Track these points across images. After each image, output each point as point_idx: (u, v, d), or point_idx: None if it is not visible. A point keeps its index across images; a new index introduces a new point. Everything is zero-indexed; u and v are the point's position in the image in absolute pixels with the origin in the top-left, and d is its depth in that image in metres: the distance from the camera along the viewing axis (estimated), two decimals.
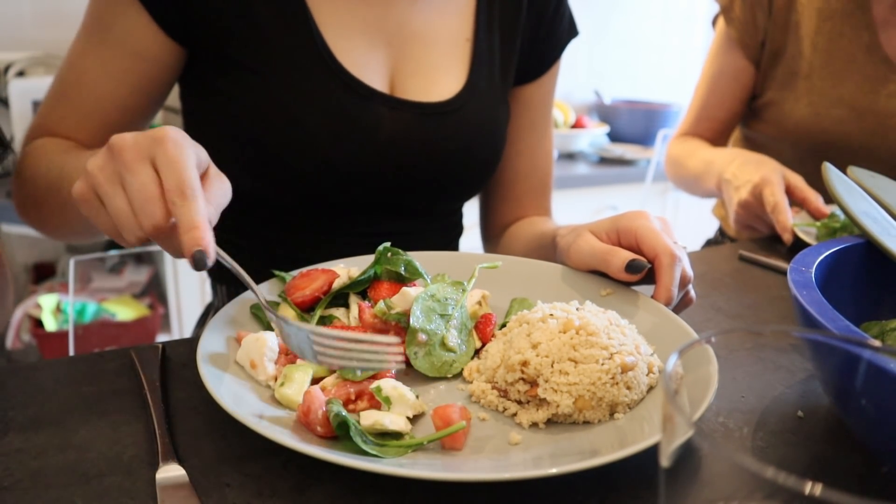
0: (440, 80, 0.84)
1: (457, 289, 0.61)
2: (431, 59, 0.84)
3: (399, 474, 0.40)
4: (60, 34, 1.92)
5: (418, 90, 0.83)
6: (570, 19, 0.97)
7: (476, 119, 0.85)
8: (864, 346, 0.37)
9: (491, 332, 0.60)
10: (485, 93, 0.86)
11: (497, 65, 0.89)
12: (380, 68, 0.82)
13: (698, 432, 0.26)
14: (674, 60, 3.22)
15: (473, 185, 0.92)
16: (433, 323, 0.57)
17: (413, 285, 0.64)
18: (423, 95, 0.83)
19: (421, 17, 0.84)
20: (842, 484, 0.41)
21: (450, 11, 0.86)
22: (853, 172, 0.76)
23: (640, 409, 0.51)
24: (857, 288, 0.61)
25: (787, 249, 0.94)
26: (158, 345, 0.59)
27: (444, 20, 0.85)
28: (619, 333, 0.54)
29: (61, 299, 1.81)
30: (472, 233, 1.07)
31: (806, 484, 0.23)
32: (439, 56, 0.85)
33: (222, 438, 0.47)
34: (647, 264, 0.61)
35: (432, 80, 0.84)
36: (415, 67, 0.83)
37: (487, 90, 0.87)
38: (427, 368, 0.55)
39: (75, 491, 0.42)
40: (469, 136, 0.85)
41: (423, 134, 0.82)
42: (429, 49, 0.84)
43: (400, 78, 0.83)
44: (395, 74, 0.83)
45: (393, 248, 0.64)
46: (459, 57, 0.86)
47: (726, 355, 0.60)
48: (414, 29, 0.83)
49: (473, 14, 0.87)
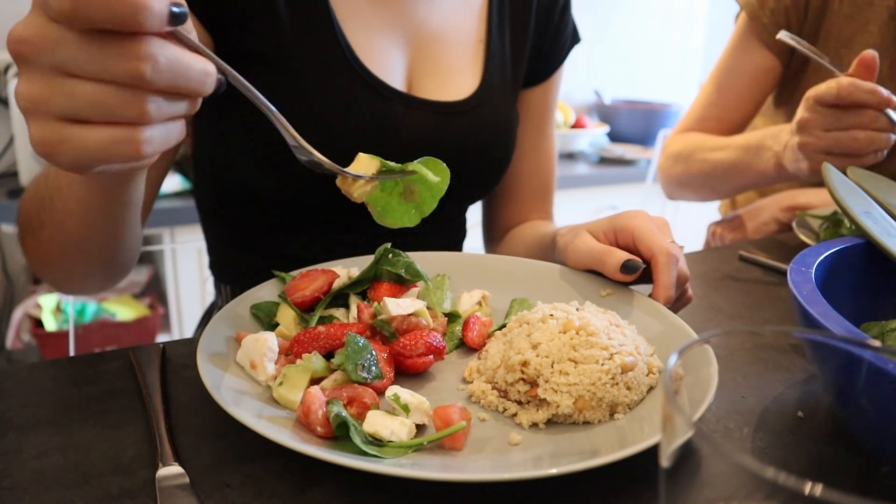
0: (456, 80, 0.85)
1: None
2: (447, 60, 0.86)
3: (399, 474, 0.40)
4: None
5: (435, 90, 0.84)
6: (574, 26, 0.99)
7: (491, 119, 0.87)
8: (865, 347, 0.37)
9: (478, 336, 0.60)
10: (498, 93, 0.88)
11: (509, 67, 0.90)
12: (398, 67, 0.83)
13: (698, 433, 0.26)
14: (674, 60, 3.22)
15: (486, 185, 0.93)
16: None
17: (414, 287, 0.64)
18: (439, 95, 0.84)
19: (437, 17, 0.85)
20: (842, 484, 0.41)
21: (464, 13, 0.87)
22: (853, 173, 0.76)
23: (640, 410, 0.51)
24: (857, 288, 0.61)
25: (788, 250, 0.94)
26: (159, 345, 0.59)
27: (459, 21, 0.87)
28: (620, 334, 0.54)
29: (61, 299, 1.81)
30: (473, 233, 1.07)
31: (806, 484, 0.23)
32: (455, 56, 0.86)
33: (222, 439, 0.47)
34: (642, 265, 0.61)
35: (448, 80, 0.85)
36: (432, 67, 0.85)
37: (501, 91, 0.88)
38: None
39: (75, 491, 0.42)
40: (485, 135, 0.86)
41: (440, 133, 0.83)
42: (445, 49, 0.85)
43: (417, 77, 0.84)
44: (412, 74, 0.84)
45: (393, 248, 0.64)
46: (473, 58, 0.87)
47: (726, 355, 0.60)
48: (431, 29, 0.84)
49: (486, 16, 0.89)
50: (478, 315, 0.63)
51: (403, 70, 0.83)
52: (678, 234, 0.66)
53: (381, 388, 0.52)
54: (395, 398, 0.48)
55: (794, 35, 1.10)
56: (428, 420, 0.49)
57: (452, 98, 0.84)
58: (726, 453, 0.25)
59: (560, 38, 0.96)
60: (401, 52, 0.83)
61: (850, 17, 1.13)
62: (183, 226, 1.78)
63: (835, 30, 1.14)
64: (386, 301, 0.57)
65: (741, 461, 0.24)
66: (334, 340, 0.54)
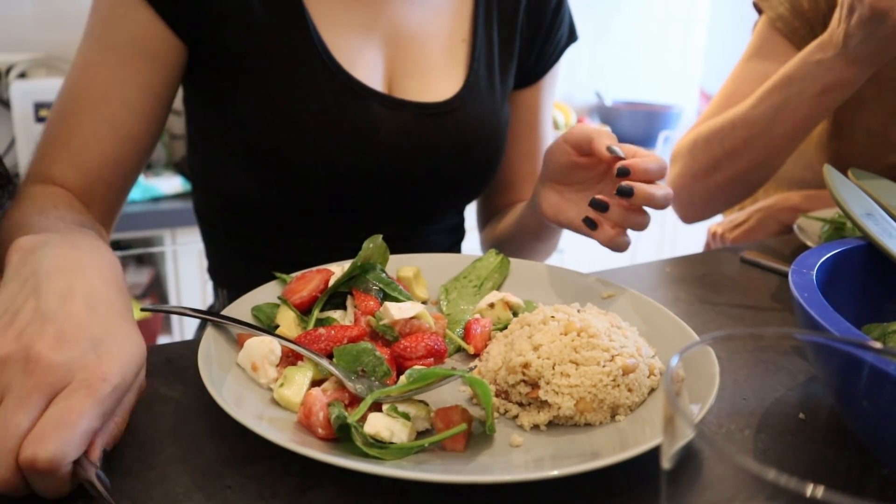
0: (438, 81, 0.84)
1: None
2: (428, 59, 0.84)
3: (400, 476, 0.40)
4: (62, 35, 1.92)
5: (416, 90, 0.83)
6: (570, 24, 0.97)
7: (475, 120, 0.85)
8: (866, 349, 0.37)
9: (478, 340, 0.60)
10: (484, 94, 0.86)
11: (496, 66, 0.88)
12: (377, 68, 0.81)
13: (700, 434, 0.26)
14: (675, 62, 3.22)
15: (473, 188, 0.91)
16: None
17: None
18: (421, 95, 0.83)
19: (417, 16, 0.84)
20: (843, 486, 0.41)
21: (446, 11, 0.86)
22: (854, 174, 0.76)
23: (641, 412, 0.51)
24: (858, 290, 0.61)
25: (789, 252, 0.94)
26: (160, 346, 0.59)
27: (441, 20, 0.85)
28: (621, 335, 0.54)
29: None
30: (472, 235, 1.07)
31: (808, 486, 0.23)
32: (436, 56, 0.84)
33: (223, 441, 0.47)
34: (619, 155, 0.63)
35: (430, 81, 0.84)
36: (412, 67, 0.83)
37: (487, 91, 0.87)
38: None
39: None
40: (468, 136, 0.85)
41: (422, 134, 0.82)
42: (425, 49, 0.84)
43: (397, 78, 0.83)
44: (392, 74, 0.83)
45: (382, 243, 0.64)
46: (456, 57, 0.86)
47: (728, 357, 0.60)
48: (410, 28, 0.83)
49: (471, 15, 0.87)
50: (478, 317, 0.63)
51: (382, 70, 0.82)
52: (679, 236, 0.66)
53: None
54: (392, 408, 0.48)
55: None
56: (430, 425, 0.49)
57: (434, 99, 0.83)
58: (728, 455, 0.25)
59: (553, 37, 0.94)
60: (379, 52, 0.82)
61: None
62: (184, 227, 1.79)
63: None
64: (387, 305, 0.57)
65: (742, 463, 0.24)
66: (335, 342, 0.54)
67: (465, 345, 0.60)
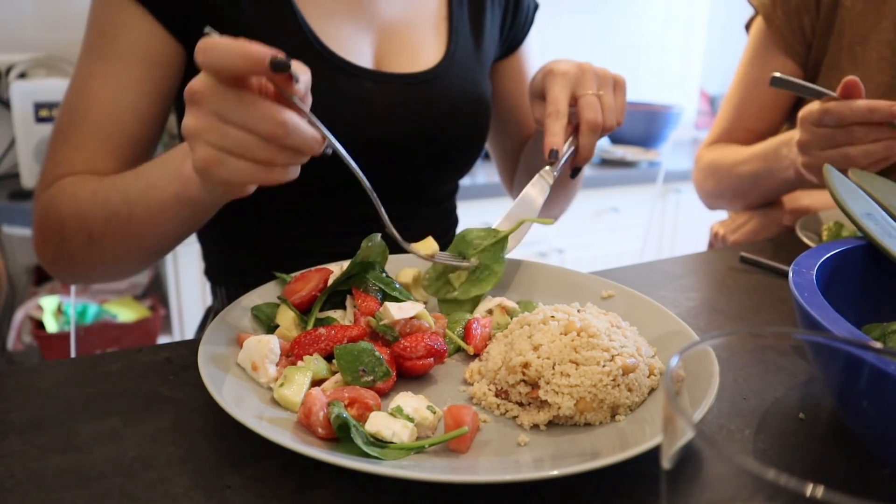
0: (422, 56, 0.90)
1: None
2: (413, 39, 0.90)
3: (400, 476, 0.40)
4: (62, 36, 1.92)
5: (402, 65, 0.88)
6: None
7: (459, 84, 0.91)
8: (866, 349, 0.37)
9: (478, 340, 0.60)
10: (465, 61, 0.93)
11: (470, 38, 0.95)
12: (365, 50, 0.86)
13: (699, 434, 0.26)
14: (675, 63, 3.22)
15: (465, 154, 0.96)
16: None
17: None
18: (406, 69, 0.88)
19: (400, 2, 0.90)
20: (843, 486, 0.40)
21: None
22: (854, 174, 0.76)
23: (641, 411, 0.51)
24: (858, 290, 0.61)
25: (789, 251, 0.94)
26: (160, 346, 0.59)
27: (422, 3, 0.92)
28: (621, 335, 0.54)
29: (62, 301, 1.81)
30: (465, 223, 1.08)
31: (808, 486, 0.23)
32: (420, 36, 0.91)
33: (223, 440, 0.47)
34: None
35: (415, 56, 0.89)
36: (398, 47, 0.89)
37: (467, 59, 0.93)
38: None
39: (77, 493, 0.42)
40: (455, 100, 0.91)
41: (412, 103, 0.87)
42: (409, 30, 0.90)
43: (385, 57, 0.88)
44: (379, 55, 0.88)
45: (381, 242, 0.64)
46: (437, 35, 0.92)
47: (727, 357, 0.60)
48: (396, 14, 0.89)
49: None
50: (478, 317, 0.63)
51: (371, 53, 0.87)
52: (680, 235, 0.66)
53: (384, 389, 0.52)
54: (397, 409, 0.48)
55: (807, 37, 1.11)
56: (433, 434, 0.48)
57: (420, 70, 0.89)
58: (727, 455, 0.25)
59: (521, 8, 1.02)
60: (367, 37, 0.87)
61: (862, 14, 1.12)
62: None
63: (847, 26, 1.13)
64: (387, 306, 0.57)
65: (742, 463, 0.24)
66: (335, 342, 0.54)
67: (465, 345, 0.60)
